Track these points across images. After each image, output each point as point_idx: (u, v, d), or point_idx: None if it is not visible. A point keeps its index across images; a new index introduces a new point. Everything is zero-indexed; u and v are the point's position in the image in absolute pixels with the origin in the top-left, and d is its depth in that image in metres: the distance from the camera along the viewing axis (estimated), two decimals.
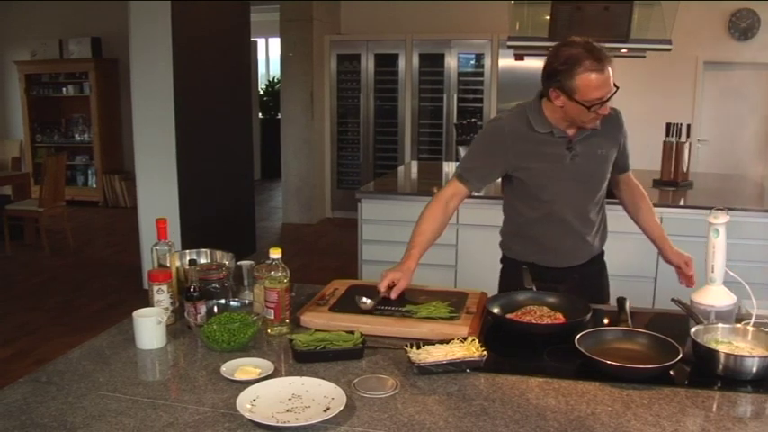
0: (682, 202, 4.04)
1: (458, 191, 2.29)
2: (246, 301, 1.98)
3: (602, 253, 2.47)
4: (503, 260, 2.51)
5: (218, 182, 5.97)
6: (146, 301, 1.94)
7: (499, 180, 2.38)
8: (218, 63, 5.95)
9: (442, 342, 1.72)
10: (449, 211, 2.27)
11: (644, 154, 5.55)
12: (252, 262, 2.12)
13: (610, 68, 2.02)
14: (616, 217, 3.83)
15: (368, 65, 8.02)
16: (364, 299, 2.00)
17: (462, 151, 4.77)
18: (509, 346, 1.86)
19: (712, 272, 1.95)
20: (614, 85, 2.05)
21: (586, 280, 2.35)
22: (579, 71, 2.00)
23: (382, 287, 2.04)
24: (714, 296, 1.93)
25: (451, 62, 7.76)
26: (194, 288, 1.91)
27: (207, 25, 5.82)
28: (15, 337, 4.50)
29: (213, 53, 5.87)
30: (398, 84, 7.98)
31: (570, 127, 2.19)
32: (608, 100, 2.05)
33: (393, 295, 2.04)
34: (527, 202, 2.30)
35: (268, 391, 1.50)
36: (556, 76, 2.06)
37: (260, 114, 12.13)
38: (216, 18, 6.00)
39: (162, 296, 1.93)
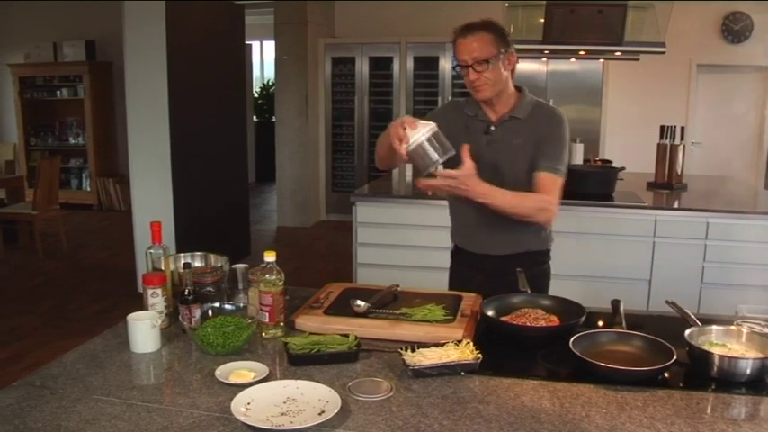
0: (676, 205, 4.05)
1: None
2: (241, 305, 1.97)
3: (540, 252, 2.42)
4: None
5: (212, 185, 5.96)
6: (140, 304, 1.94)
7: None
8: (212, 65, 5.95)
9: (436, 345, 1.72)
10: None
11: (638, 156, 5.59)
12: (246, 265, 2.12)
13: (477, 43, 2.15)
14: (613, 219, 3.87)
15: (362, 68, 8.02)
16: (358, 302, 2.01)
17: None
18: (504, 349, 1.86)
19: None
20: (486, 60, 2.14)
21: (504, 276, 2.22)
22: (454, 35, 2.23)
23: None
24: None
25: (446, 65, 7.77)
26: (189, 291, 1.91)
27: (202, 28, 5.82)
28: (9, 340, 4.48)
29: (208, 56, 5.86)
30: (393, 87, 7.99)
31: (492, 111, 2.30)
32: (469, 69, 2.17)
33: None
34: None
35: (263, 395, 1.50)
36: None
37: (254, 117, 12.14)
38: (211, 20, 6.00)
39: (156, 299, 1.93)
